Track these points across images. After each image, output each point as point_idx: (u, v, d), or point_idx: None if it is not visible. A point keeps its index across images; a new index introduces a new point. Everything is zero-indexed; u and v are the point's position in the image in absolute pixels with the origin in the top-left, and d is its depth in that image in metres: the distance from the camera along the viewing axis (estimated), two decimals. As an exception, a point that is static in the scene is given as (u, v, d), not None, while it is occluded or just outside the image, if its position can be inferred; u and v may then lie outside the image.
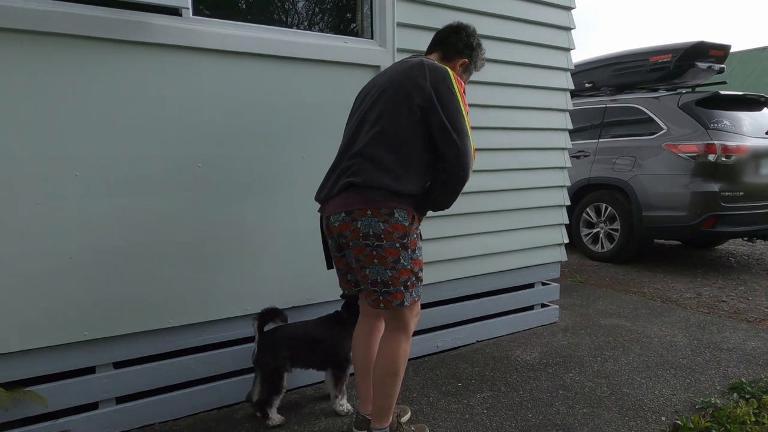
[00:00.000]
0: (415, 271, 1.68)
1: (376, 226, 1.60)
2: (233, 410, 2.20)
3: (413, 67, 1.66)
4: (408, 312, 1.73)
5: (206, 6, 2.05)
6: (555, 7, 2.97)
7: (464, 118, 1.63)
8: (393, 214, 1.60)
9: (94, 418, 1.97)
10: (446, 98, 1.60)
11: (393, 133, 1.63)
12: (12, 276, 1.76)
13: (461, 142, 1.60)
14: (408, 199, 1.64)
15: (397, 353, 1.73)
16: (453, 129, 1.60)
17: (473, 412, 2.18)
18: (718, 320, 3.40)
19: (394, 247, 1.62)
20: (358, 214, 1.61)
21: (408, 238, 1.64)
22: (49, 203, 1.78)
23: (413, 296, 1.69)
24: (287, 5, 2.33)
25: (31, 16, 1.68)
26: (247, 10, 2.19)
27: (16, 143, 1.72)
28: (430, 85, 1.61)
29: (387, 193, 1.59)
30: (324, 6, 2.41)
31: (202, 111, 2.03)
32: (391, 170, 1.60)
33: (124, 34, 1.83)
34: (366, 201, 1.60)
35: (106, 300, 1.92)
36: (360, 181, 1.61)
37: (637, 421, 2.10)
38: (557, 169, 3.15)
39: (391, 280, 1.64)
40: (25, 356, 1.82)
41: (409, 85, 1.62)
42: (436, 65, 1.67)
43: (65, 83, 1.77)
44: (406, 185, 1.61)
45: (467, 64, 1.86)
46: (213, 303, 2.14)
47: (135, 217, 1.94)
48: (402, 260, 1.63)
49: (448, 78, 1.63)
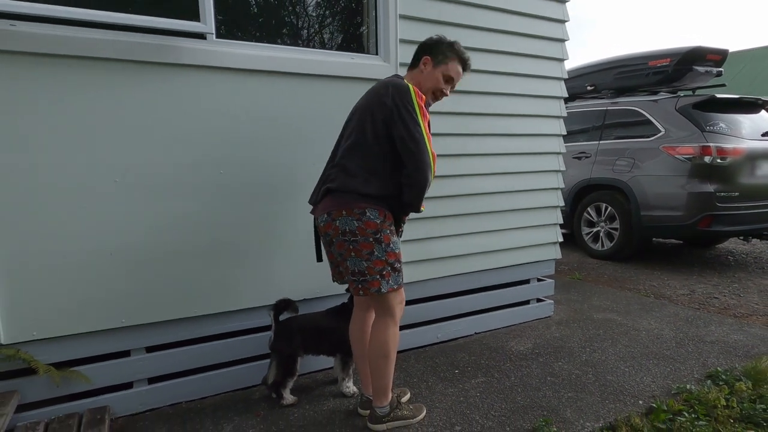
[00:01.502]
0: (390, 262, 1.92)
1: (351, 224, 1.87)
2: (251, 392, 2.44)
3: (381, 86, 1.93)
4: (392, 299, 1.98)
5: (228, 30, 2.29)
6: (549, 21, 3.16)
7: (422, 129, 1.85)
8: (365, 213, 1.86)
9: (129, 396, 2.23)
10: (404, 112, 1.83)
11: (361, 145, 1.91)
12: (60, 270, 2.02)
13: (417, 150, 1.83)
14: (377, 200, 1.88)
15: (385, 336, 1.98)
16: (410, 139, 1.83)
17: (467, 395, 2.41)
18: (706, 315, 3.58)
19: (368, 242, 1.88)
20: (336, 215, 1.89)
21: (381, 233, 1.89)
22: (91, 206, 2.04)
23: (390, 284, 1.93)
24: (299, 26, 2.56)
25: (80, 43, 1.93)
26: (263, 32, 2.43)
27: (65, 155, 1.97)
28: (392, 101, 1.85)
29: (357, 195, 1.86)
30: (333, 26, 2.65)
31: (224, 123, 2.27)
32: (359, 176, 1.87)
33: (158, 56, 2.08)
34: (341, 203, 1.88)
35: (140, 292, 2.17)
36: (335, 187, 1.91)
37: (616, 404, 2.30)
38: (552, 172, 3.35)
39: (367, 270, 1.90)
40: (71, 340, 2.08)
41: (375, 104, 1.89)
42: (399, 84, 1.89)
43: (107, 101, 2.03)
44: (371, 188, 1.87)
45: (431, 60, 2.01)
46: (233, 295, 2.38)
47: (165, 218, 2.18)
48: (376, 252, 1.89)
49: (407, 95, 1.86)
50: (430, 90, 2.03)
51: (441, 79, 2.01)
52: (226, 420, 2.19)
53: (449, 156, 2.90)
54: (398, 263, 1.96)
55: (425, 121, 1.88)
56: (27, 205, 1.93)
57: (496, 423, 2.16)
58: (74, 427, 1.98)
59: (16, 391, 1.98)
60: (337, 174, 1.93)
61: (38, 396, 2.05)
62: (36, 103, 1.91)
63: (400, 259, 1.98)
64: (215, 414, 2.24)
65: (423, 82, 2.01)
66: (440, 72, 2.01)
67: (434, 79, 2.01)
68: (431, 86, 2.02)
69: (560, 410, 2.25)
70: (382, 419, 2.08)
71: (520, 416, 2.21)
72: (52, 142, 1.95)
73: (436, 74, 2.01)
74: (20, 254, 1.94)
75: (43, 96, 1.92)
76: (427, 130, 1.88)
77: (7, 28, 1.82)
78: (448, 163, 2.90)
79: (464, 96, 2.90)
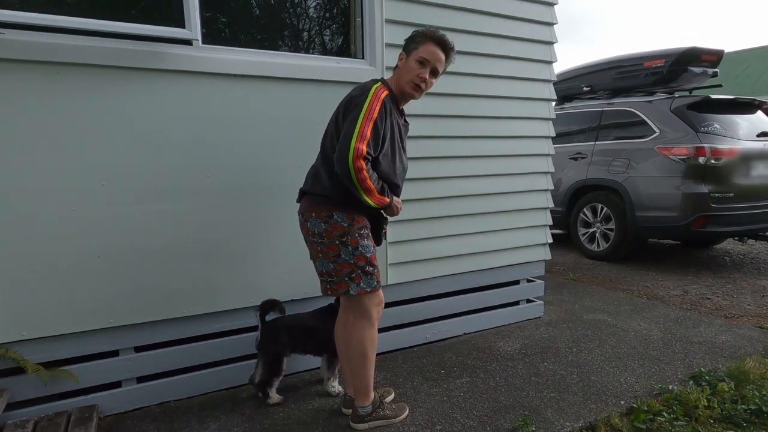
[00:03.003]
0: (360, 265, 1.94)
1: (319, 226, 1.93)
2: (239, 391, 2.48)
3: (351, 90, 1.97)
4: (366, 301, 2.01)
5: (213, 35, 2.33)
6: (537, 24, 3.19)
7: (357, 123, 1.80)
8: (332, 216, 1.91)
9: (118, 395, 2.28)
10: (350, 107, 1.87)
11: (325, 146, 1.97)
12: (49, 271, 2.06)
13: (342, 141, 1.81)
14: (345, 204, 1.90)
15: (362, 337, 2.02)
16: (343, 132, 1.84)
17: (451, 395, 2.44)
18: (696, 316, 3.59)
19: (334, 244, 1.92)
20: (307, 216, 1.97)
21: (348, 236, 1.92)
22: (80, 209, 2.09)
23: (361, 286, 1.95)
24: (286, 31, 2.60)
25: (69, 50, 1.98)
26: (249, 38, 2.47)
27: (53, 159, 2.02)
28: (349, 99, 1.90)
29: (322, 198, 1.92)
30: (319, 31, 2.68)
31: (211, 127, 2.31)
32: (326, 179, 1.92)
33: (146, 62, 2.12)
34: (311, 205, 1.96)
35: (128, 293, 2.22)
36: (305, 189, 2.02)
37: (597, 404, 2.33)
38: (541, 174, 3.38)
39: (333, 271, 1.95)
40: (60, 339, 2.13)
41: (340, 106, 1.95)
42: (364, 84, 1.94)
43: (94, 106, 2.07)
44: (334, 190, 1.90)
45: (405, 53, 2.00)
46: (220, 296, 2.42)
47: (152, 221, 2.23)
48: (343, 255, 1.93)
49: (364, 93, 1.87)
50: (408, 81, 1.96)
51: (415, 66, 1.94)
52: (212, 419, 2.23)
53: (438, 158, 2.93)
54: (370, 266, 1.96)
55: (367, 120, 1.82)
56: (16, 208, 1.98)
57: (477, 422, 2.19)
58: (63, 425, 2.03)
59: (6, 390, 2.03)
60: (308, 177, 2.02)
61: (27, 395, 2.10)
62: (25, 109, 1.96)
63: (373, 262, 1.98)
64: (202, 413, 2.28)
65: (401, 78, 1.99)
66: (413, 59, 1.95)
67: (408, 68, 1.96)
68: (408, 77, 1.96)
69: (542, 410, 2.28)
70: (364, 418, 2.12)
71: (502, 416, 2.24)
72: (41, 146, 1.99)
73: (409, 63, 1.96)
74: (10, 256, 1.99)
75: (33, 102, 1.97)
76: (364, 128, 1.81)
77: (-5, 36, 1.87)
78: (437, 165, 2.93)
79: (452, 99, 2.93)
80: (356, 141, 1.78)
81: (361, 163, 1.78)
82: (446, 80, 2.88)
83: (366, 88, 1.90)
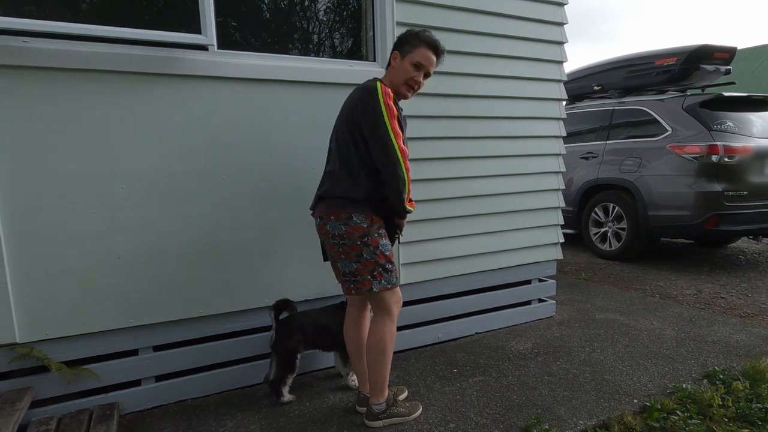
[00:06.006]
0: (381, 263, 1.99)
1: (339, 228, 1.96)
2: (254, 390, 2.52)
3: (355, 90, 2.00)
4: (387, 297, 2.05)
5: (229, 41, 2.38)
6: (548, 24, 3.20)
7: (387, 127, 1.87)
8: (351, 218, 1.94)
9: (137, 393, 2.33)
10: (369, 112, 1.88)
11: (341, 149, 1.99)
12: (71, 273, 2.12)
13: (383, 149, 1.88)
14: (362, 205, 1.95)
15: (383, 333, 2.05)
16: (376, 139, 1.88)
17: (464, 394, 2.45)
18: (710, 315, 3.57)
19: (356, 245, 1.96)
20: (326, 219, 2.00)
21: (368, 237, 1.96)
22: (100, 211, 2.14)
23: (383, 284, 2.00)
24: (299, 35, 2.64)
25: (90, 57, 2.04)
26: (264, 42, 2.52)
27: (75, 163, 2.08)
28: (359, 101, 1.92)
29: (342, 200, 1.95)
30: (332, 35, 2.72)
31: (228, 129, 2.36)
32: (343, 181, 1.95)
33: (164, 68, 2.17)
34: (330, 208, 1.99)
35: (147, 293, 2.27)
36: (323, 193, 2.04)
37: (610, 403, 2.33)
38: (552, 173, 3.38)
39: (357, 271, 1.99)
40: (82, 339, 2.19)
41: (348, 108, 1.98)
42: (366, 85, 1.95)
43: (114, 111, 2.13)
44: (356, 192, 1.94)
45: (399, 53, 2.04)
46: (236, 296, 2.47)
47: (170, 222, 2.28)
48: (365, 255, 1.97)
49: (373, 94, 1.89)
50: (402, 83, 2.03)
51: (411, 69, 2.01)
52: (229, 416, 2.27)
53: (449, 159, 2.95)
54: (389, 264, 2.02)
55: (392, 119, 1.89)
56: (41, 211, 2.04)
57: (490, 420, 2.20)
58: (84, 422, 2.08)
59: (31, 388, 2.09)
60: (325, 180, 2.05)
61: (51, 393, 2.16)
62: (49, 115, 2.02)
63: (392, 260, 2.04)
64: (218, 411, 2.32)
65: (394, 77, 2.04)
66: (408, 62, 2.01)
67: (404, 70, 2.02)
68: (402, 79, 2.02)
69: (554, 408, 2.29)
70: (379, 416, 2.15)
71: (515, 414, 2.25)
72: (64, 150, 2.05)
73: (405, 65, 2.02)
74: (35, 258, 2.05)
75: (55, 108, 2.03)
76: (395, 127, 1.89)
77: (19, 45, 1.93)
78: (448, 166, 2.96)
79: (464, 100, 2.96)
80: (399, 142, 1.89)
81: (408, 163, 1.92)
82: (457, 82, 2.92)
83: (372, 87, 1.92)
